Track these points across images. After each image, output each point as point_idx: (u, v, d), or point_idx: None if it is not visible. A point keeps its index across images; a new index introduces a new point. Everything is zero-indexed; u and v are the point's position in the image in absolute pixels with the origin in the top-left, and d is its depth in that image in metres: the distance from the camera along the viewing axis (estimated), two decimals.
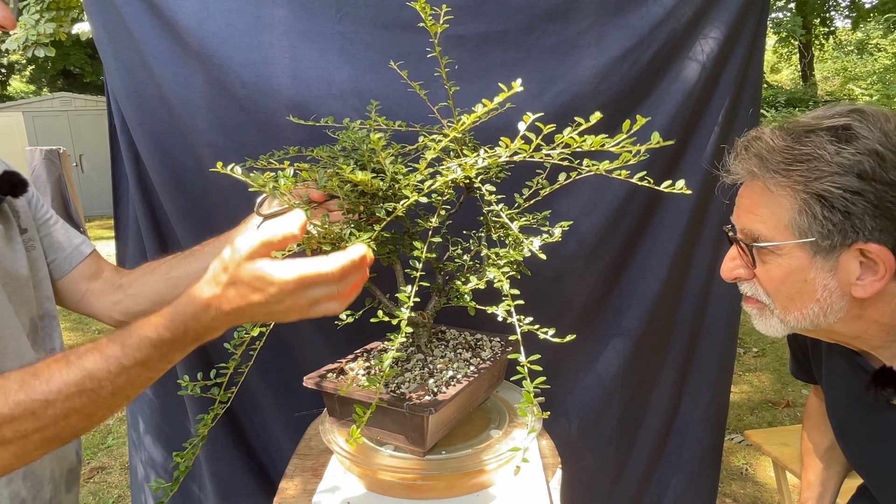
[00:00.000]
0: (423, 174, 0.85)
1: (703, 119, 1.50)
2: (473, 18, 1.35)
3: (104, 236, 8.74)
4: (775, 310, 0.83)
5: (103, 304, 1.03)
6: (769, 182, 0.78)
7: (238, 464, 1.61)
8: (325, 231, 0.81)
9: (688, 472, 1.73)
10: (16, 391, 0.60)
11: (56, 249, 1.01)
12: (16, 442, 0.60)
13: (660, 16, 1.38)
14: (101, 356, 0.62)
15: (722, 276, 0.88)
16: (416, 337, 1.10)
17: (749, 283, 0.85)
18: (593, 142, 0.75)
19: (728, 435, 3.22)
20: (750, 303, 0.88)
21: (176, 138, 1.42)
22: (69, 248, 1.02)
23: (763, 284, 0.83)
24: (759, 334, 4.86)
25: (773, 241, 0.79)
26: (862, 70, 10.45)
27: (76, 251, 1.03)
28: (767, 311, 0.85)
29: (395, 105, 1.34)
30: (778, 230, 0.78)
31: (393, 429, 0.95)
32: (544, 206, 1.08)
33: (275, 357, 1.48)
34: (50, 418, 0.60)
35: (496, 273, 0.87)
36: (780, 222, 0.78)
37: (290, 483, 1.03)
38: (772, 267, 0.81)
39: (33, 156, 5.96)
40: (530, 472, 1.02)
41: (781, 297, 0.82)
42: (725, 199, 0.92)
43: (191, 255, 1.05)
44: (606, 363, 1.61)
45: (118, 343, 0.62)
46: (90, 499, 2.83)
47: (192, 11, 1.31)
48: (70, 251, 1.02)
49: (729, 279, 0.88)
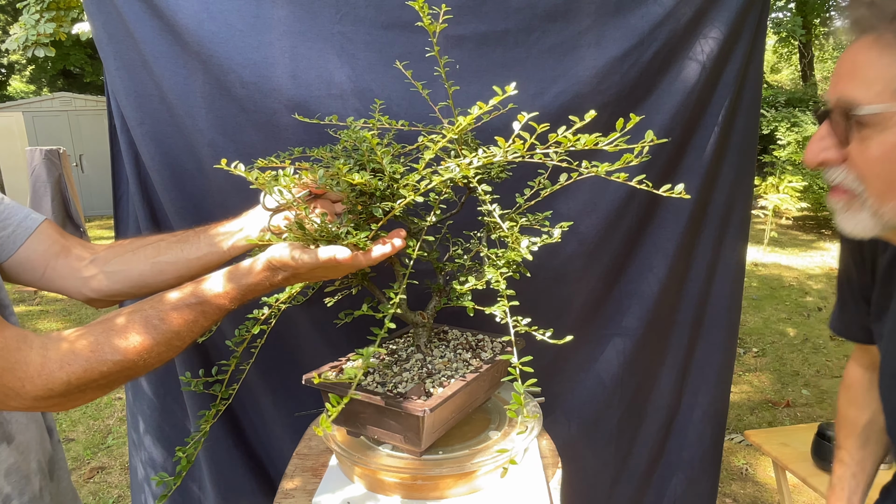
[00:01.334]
0: (421, 174, 0.85)
1: (703, 119, 1.50)
2: (473, 18, 1.35)
3: (104, 236, 8.74)
4: (868, 199, 0.70)
5: (72, 282, 0.96)
6: (881, 33, 0.64)
7: (238, 464, 1.61)
8: (321, 229, 0.82)
9: (688, 472, 1.73)
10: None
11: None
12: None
13: (660, 16, 1.38)
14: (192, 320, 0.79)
15: (806, 162, 0.75)
16: (416, 337, 1.11)
17: (838, 169, 0.72)
18: (587, 140, 0.75)
19: (728, 435, 3.22)
20: (836, 194, 0.74)
21: (176, 138, 1.42)
22: (11, 227, 0.93)
23: (856, 167, 0.70)
24: (759, 334, 4.86)
25: (880, 105, 0.65)
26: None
27: (19, 228, 0.93)
28: (857, 202, 0.71)
29: (396, 105, 1.34)
30: (885, 94, 0.65)
31: (390, 428, 0.96)
32: (544, 207, 1.08)
33: (275, 356, 1.48)
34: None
35: (494, 273, 0.87)
36: (888, 85, 0.64)
37: (290, 483, 1.03)
38: (871, 144, 0.67)
39: (33, 156, 5.97)
40: (530, 472, 1.02)
41: (878, 182, 0.68)
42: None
43: (183, 241, 1.00)
44: (606, 363, 1.61)
45: (199, 311, 0.79)
46: (90, 499, 2.83)
47: (192, 11, 1.31)
48: (12, 230, 0.93)
49: (813, 163, 0.74)
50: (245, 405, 1.60)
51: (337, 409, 0.74)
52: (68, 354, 0.70)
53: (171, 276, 0.98)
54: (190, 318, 0.78)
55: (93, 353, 0.71)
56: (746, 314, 5.30)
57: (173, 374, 1.59)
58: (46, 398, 0.70)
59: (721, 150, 1.54)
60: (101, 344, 0.72)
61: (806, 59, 14.35)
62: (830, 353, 4.49)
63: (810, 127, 9.20)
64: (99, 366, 0.71)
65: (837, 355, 4.43)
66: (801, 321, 5.18)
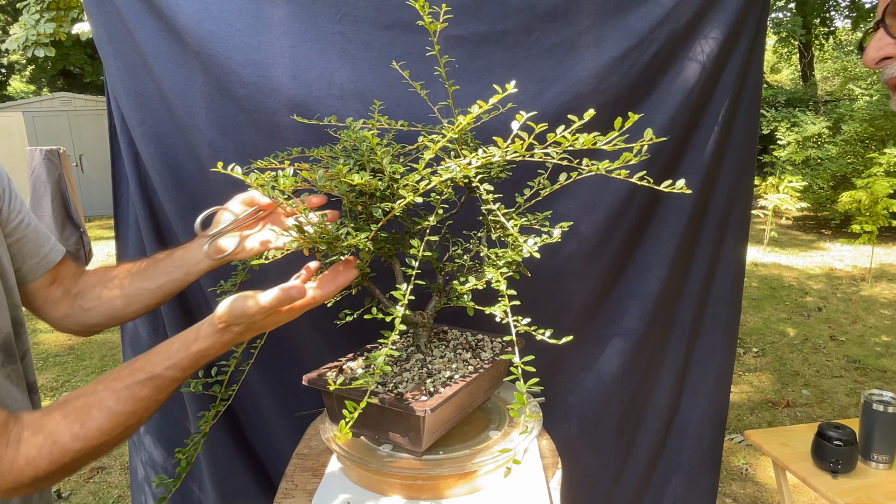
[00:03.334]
0: (421, 174, 0.85)
1: (703, 119, 1.50)
2: (473, 18, 1.35)
3: (104, 236, 8.74)
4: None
5: (56, 314, 0.98)
6: None
7: (238, 464, 1.61)
8: (321, 231, 0.82)
9: (688, 472, 1.73)
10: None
11: (25, 257, 0.93)
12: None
13: (659, 16, 1.38)
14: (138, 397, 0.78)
15: (866, 62, 0.80)
16: (416, 337, 1.11)
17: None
18: (585, 140, 0.75)
19: (728, 435, 3.22)
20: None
21: (176, 138, 1.42)
22: (40, 256, 0.95)
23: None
24: (759, 334, 4.86)
25: None
26: (862, 70, 10.45)
27: (45, 259, 0.96)
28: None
29: (396, 105, 1.34)
30: None
31: (391, 428, 0.96)
32: (545, 207, 1.08)
33: (275, 357, 1.48)
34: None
35: (494, 273, 0.87)
36: None
37: (290, 483, 1.03)
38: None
39: (33, 156, 5.96)
40: (530, 472, 1.02)
41: None
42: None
43: (143, 272, 1.01)
44: (606, 363, 1.61)
45: (152, 387, 0.78)
46: (90, 499, 2.83)
47: (192, 11, 1.31)
48: (39, 259, 0.95)
49: (874, 60, 0.79)
50: (245, 405, 1.60)
51: (354, 416, 0.75)
52: (33, 450, 0.72)
53: (139, 307, 1.00)
54: (143, 396, 0.78)
55: (55, 446, 0.72)
56: (746, 314, 5.30)
57: None
58: (16, 489, 0.72)
59: (721, 150, 1.54)
60: (62, 434, 0.73)
61: (806, 59, 14.36)
62: (830, 353, 4.49)
63: (810, 127, 9.20)
64: (62, 457, 0.73)
65: (837, 355, 4.43)
66: (801, 321, 5.18)
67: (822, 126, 9.16)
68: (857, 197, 6.68)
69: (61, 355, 4.64)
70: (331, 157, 0.99)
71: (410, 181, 0.85)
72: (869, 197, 6.48)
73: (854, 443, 1.60)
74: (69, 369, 4.37)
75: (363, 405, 0.76)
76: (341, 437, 0.73)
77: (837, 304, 5.63)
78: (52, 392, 3.94)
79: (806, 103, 11.57)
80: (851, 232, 6.83)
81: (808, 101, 11.74)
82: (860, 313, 5.35)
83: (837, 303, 5.68)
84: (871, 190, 6.50)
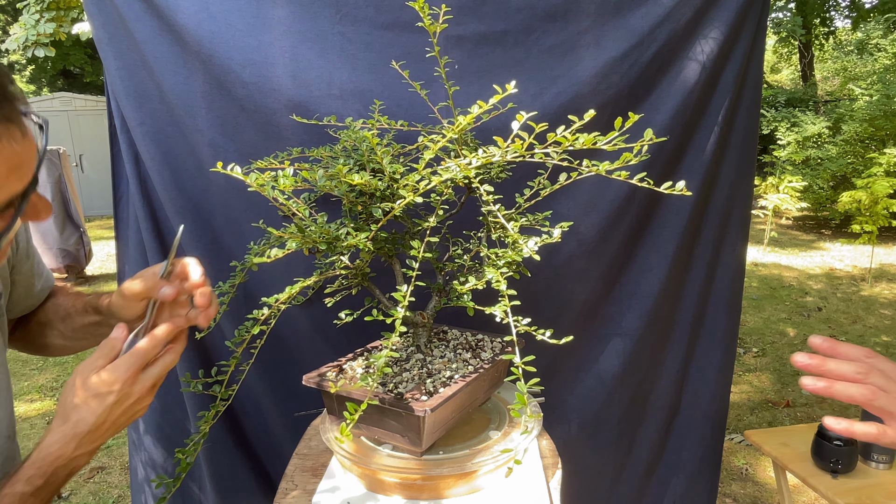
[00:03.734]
0: (421, 174, 0.85)
1: (703, 119, 1.50)
2: (473, 19, 1.35)
3: (104, 236, 8.74)
4: None
5: (27, 340, 0.98)
6: None
7: (238, 464, 1.61)
8: (321, 231, 0.82)
9: (688, 472, 1.73)
10: None
11: (20, 287, 0.91)
12: None
13: (659, 16, 1.38)
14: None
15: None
16: (416, 337, 1.10)
17: None
18: (585, 140, 0.75)
19: (728, 435, 3.22)
20: None
21: (176, 138, 1.42)
22: (30, 295, 0.93)
23: None
24: (759, 334, 4.86)
25: None
26: (862, 70, 10.43)
27: (34, 298, 0.94)
28: None
29: (396, 105, 1.34)
30: None
31: (391, 428, 0.96)
32: (545, 207, 1.08)
33: (275, 357, 1.48)
34: None
35: (494, 273, 0.87)
36: None
37: (290, 483, 1.03)
38: None
39: None
40: (530, 472, 1.02)
41: None
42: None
43: (82, 313, 0.94)
44: (606, 363, 1.61)
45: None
46: (90, 499, 2.83)
47: (192, 11, 1.31)
48: (40, 287, 0.94)
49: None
50: (245, 405, 1.60)
51: (354, 418, 0.75)
52: None
53: (90, 344, 0.97)
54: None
55: None
56: (746, 314, 5.30)
57: (173, 374, 1.59)
58: None
59: (721, 150, 1.54)
60: None
61: (806, 59, 14.35)
62: None
63: (810, 127, 9.20)
64: None
65: None
66: (801, 321, 5.18)
67: (822, 126, 9.16)
68: (857, 197, 6.68)
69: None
70: (331, 157, 0.99)
71: (410, 181, 0.85)
72: (869, 197, 6.47)
73: (854, 443, 1.60)
74: (69, 369, 4.37)
75: (363, 407, 0.76)
76: (342, 439, 0.73)
77: (837, 304, 5.63)
78: (53, 392, 3.94)
79: (806, 103, 11.57)
80: (851, 232, 6.83)
81: (808, 101, 11.74)
82: (860, 313, 5.35)
83: (837, 303, 5.68)
84: (871, 190, 6.49)
